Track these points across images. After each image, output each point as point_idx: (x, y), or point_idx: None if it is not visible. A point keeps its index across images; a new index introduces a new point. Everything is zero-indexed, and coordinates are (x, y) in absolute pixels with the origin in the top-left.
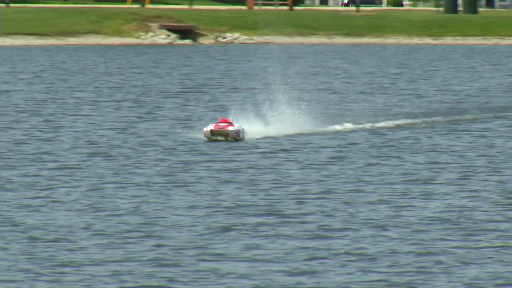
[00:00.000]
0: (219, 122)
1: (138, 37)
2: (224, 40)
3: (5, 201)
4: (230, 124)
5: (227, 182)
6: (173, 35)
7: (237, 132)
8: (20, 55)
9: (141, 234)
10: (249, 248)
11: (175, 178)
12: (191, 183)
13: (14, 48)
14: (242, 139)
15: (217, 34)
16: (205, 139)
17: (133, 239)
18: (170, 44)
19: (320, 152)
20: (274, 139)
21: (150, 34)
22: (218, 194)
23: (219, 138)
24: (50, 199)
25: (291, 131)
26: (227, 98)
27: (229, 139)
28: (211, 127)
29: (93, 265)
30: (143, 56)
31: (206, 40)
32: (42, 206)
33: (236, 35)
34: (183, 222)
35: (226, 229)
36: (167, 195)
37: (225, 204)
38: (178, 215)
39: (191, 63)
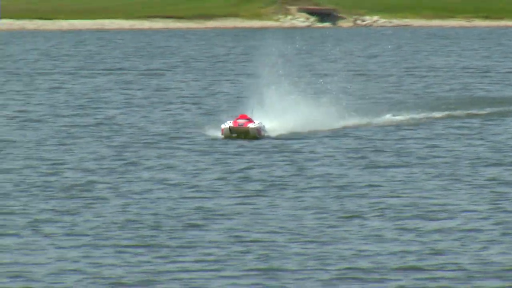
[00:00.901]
0: (238, 119)
1: (277, 20)
2: (363, 23)
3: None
4: (250, 120)
5: (346, 165)
6: (312, 18)
7: (258, 130)
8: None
9: (257, 220)
10: (368, 230)
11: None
12: (311, 167)
13: (155, 31)
14: (263, 137)
15: (356, 17)
16: (222, 137)
17: (253, 221)
18: (308, 27)
19: (443, 136)
20: (398, 124)
21: (289, 17)
22: (334, 178)
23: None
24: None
25: (416, 116)
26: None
27: (249, 137)
28: (229, 124)
29: (212, 247)
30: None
31: (345, 23)
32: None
33: (375, 18)
34: (304, 207)
35: (348, 213)
36: (290, 179)
37: (347, 188)
38: (296, 200)
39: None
